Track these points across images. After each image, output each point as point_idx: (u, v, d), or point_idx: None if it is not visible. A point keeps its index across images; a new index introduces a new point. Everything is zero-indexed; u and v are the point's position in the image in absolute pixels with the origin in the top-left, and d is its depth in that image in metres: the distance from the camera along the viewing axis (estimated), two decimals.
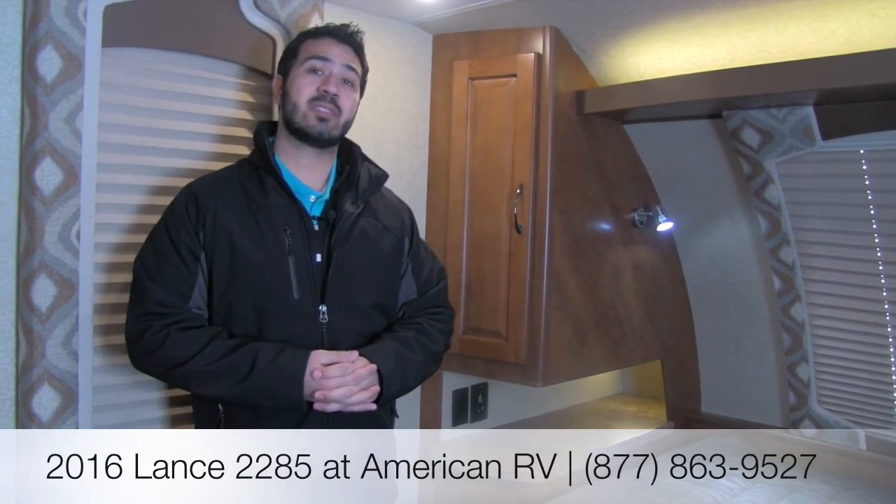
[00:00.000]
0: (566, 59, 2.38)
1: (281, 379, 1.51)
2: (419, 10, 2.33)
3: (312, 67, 1.64)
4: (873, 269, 2.33)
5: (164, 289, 1.55)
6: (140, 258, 1.61)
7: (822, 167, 2.29)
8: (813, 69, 1.93)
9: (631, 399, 3.46)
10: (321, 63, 1.64)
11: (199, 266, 1.58)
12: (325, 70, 1.64)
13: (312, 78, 1.64)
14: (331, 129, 1.64)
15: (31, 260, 1.60)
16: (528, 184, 2.32)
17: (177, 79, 1.89)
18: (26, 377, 1.61)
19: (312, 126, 1.62)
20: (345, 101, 1.65)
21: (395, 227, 1.77)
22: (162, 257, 1.58)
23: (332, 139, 1.66)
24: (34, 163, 1.59)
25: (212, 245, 1.58)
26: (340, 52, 1.66)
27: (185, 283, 1.57)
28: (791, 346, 2.59)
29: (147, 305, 1.55)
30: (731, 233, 2.72)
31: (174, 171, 1.88)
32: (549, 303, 2.36)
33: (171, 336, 1.53)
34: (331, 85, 1.63)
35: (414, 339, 1.71)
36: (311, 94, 1.62)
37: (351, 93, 1.68)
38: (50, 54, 1.59)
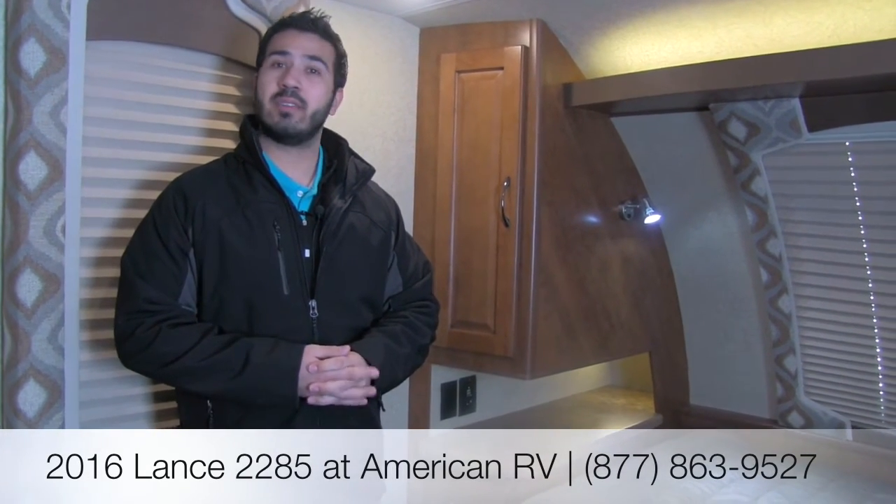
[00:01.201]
0: (553, 51, 2.38)
1: (276, 375, 1.51)
2: (406, 3, 2.32)
3: (275, 62, 1.63)
4: (859, 261, 2.35)
5: (153, 286, 1.54)
6: (128, 254, 1.59)
7: (809, 159, 2.30)
8: (799, 61, 1.94)
9: (619, 392, 3.47)
10: (281, 57, 1.62)
11: (188, 262, 1.57)
12: (286, 63, 1.62)
13: (275, 73, 1.62)
14: (295, 123, 1.62)
15: (16, 255, 1.59)
16: (515, 177, 2.32)
17: (162, 72, 1.87)
18: (11, 373, 1.60)
19: (277, 123, 1.61)
20: (309, 91, 1.63)
21: (381, 221, 1.77)
22: (150, 254, 1.56)
23: (299, 133, 1.63)
24: (18, 157, 1.57)
25: (201, 241, 1.57)
26: (303, 41, 1.64)
27: (175, 280, 1.56)
28: (778, 338, 2.61)
29: (136, 303, 1.54)
30: (719, 225, 2.73)
31: (160, 164, 1.87)
32: (538, 296, 2.36)
33: (161, 333, 1.51)
34: (289, 78, 1.60)
35: (402, 332, 1.71)
36: (274, 91, 1.61)
37: (318, 82, 1.65)
38: (33, 47, 1.57)
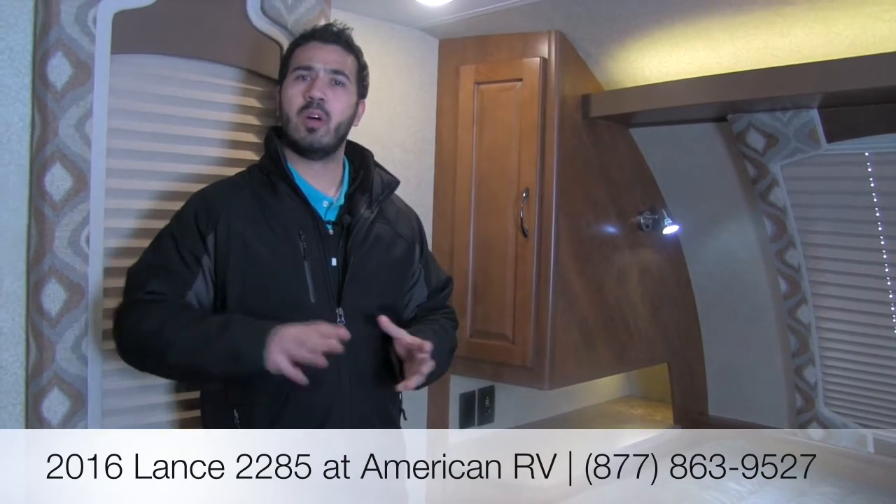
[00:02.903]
0: (572, 63, 2.39)
1: (245, 335, 1.46)
2: (425, 15, 2.34)
3: (299, 76, 1.65)
4: (879, 272, 2.33)
5: (159, 281, 1.55)
6: (139, 259, 1.61)
7: (827, 170, 2.29)
8: (817, 72, 1.94)
9: (638, 402, 3.46)
10: (306, 71, 1.64)
11: (199, 267, 1.58)
12: (311, 76, 1.64)
13: (300, 86, 1.64)
14: (321, 137, 1.63)
15: (42, 264, 1.61)
16: (534, 187, 2.33)
17: (185, 84, 1.89)
18: (36, 381, 1.62)
19: (303, 138, 1.63)
20: (334, 103, 1.64)
21: (406, 233, 1.79)
22: (162, 256, 1.58)
23: (324, 147, 1.65)
24: (44, 168, 1.60)
25: (225, 251, 1.57)
26: (327, 54, 1.66)
27: (183, 281, 1.57)
28: (798, 349, 2.59)
29: (138, 294, 1.55)
30: (737, 235, 2.72)
31: (182, 176, 1.89)
32: (556, 306, 2.36)
33: (148, 307, 1.52)
34: (315, 90, 1.62)
35: (441, 329, 1.77)
36: (300, 104, 1.62)
37: (342, 94, 1.66)
38: (60, 61, 1.60)
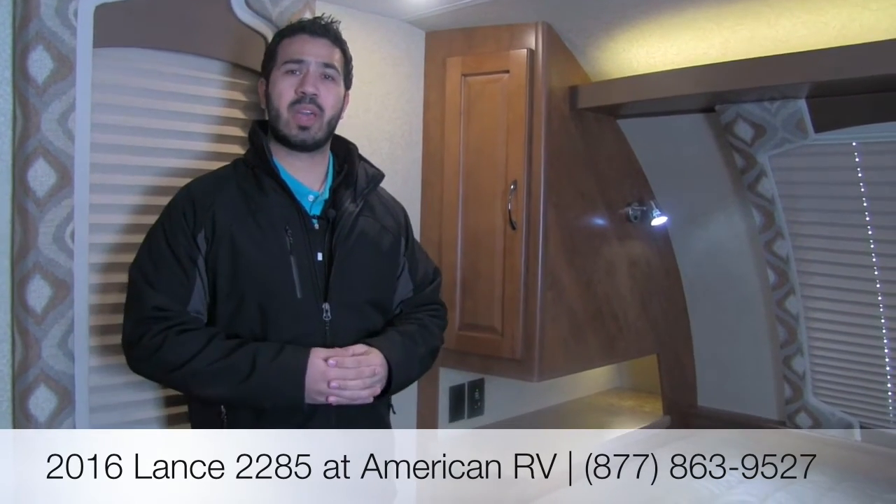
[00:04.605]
0: (559, 54, 2.39)
1: (283, 377, 1.50)
2: (412, 7, 2.33)
3: (289, 70, 1.63)
4: (867, 261, 2.34)
5: (161, 294, 1.54)
6: (136, 262, 1.59)
7: (815, 160, 2.29)
8: (805, 62, 1.94)
9: (627, 394, 3.47)
10: (296, 65, 1.63)
11: (196, 270, 1.57)
12: (302, 70, 1.63)
13: (291, 80, 1.62)
14: (314, 134, 1.63)
15: (26, 261, 1.60)
16: (521, 180, 2.33)
17: (168, 78, 1.88)
18: (22, 378, 1.61)
19: (295, 135, 1.62)
20: (325, 98, 1.63)
21: (391, 226, 1.78)
22: (159, 262, 1.56)
23: (316, 143, 1.65)
24: (27, 164, 1.58)
25: (213, 248, 1.57)
26: (317, 48, 1.64)
27: (184, 288, 1.56)
28: (786, 339, 2.60)
29: (145, 310, 1.54)
30: (726, 226, 2.73)
31: (168, 170, 1.87)
32: (545, 298, 2.36)
33: (168, 339, 1.51)
34: (308, 85, 1.61)
35: (417, 332, 1.73)
36: (291, 98, 1.61)
37: (333, 87, 1.66)
38: (41, 55, 1.58)
